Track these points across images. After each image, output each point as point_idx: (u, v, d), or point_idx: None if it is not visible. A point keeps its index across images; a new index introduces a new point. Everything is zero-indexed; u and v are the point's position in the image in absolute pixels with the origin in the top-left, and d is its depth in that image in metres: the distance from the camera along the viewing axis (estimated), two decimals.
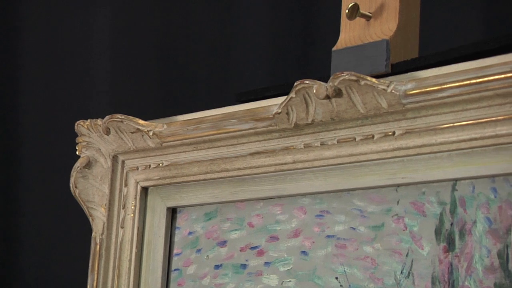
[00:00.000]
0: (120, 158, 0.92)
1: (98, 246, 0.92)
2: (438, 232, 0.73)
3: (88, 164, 0.93)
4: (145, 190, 0.92)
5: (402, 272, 0.74)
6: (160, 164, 0.90)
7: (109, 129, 0.91)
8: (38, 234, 1.49)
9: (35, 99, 1.52)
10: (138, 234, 0.91)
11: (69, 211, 1.40)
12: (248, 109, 0.82)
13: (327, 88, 0.75)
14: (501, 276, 0.68)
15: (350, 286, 0.77)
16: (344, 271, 0.77)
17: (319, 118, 0.77)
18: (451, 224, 0.72)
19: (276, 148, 0.81)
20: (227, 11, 1.43)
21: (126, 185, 0.92)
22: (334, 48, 0.85)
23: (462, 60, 0.72)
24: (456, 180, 0.72)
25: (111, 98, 1.47)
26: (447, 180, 0.72)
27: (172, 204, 0.91)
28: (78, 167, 0.93)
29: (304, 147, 0.80)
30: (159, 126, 0.88)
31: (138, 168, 0.91)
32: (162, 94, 1.45)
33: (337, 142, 0.78)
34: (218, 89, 1.42)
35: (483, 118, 0.69)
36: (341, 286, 0.77)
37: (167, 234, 0.91)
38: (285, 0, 1.39)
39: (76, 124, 0.93)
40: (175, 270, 0.90)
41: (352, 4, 0.83)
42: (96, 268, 0.92)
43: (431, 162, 0.73)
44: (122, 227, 0.92)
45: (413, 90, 0.72)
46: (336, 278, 0.78)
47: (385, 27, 0.83)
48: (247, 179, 0.84)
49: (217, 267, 0.86)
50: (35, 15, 1.53)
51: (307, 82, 0.77)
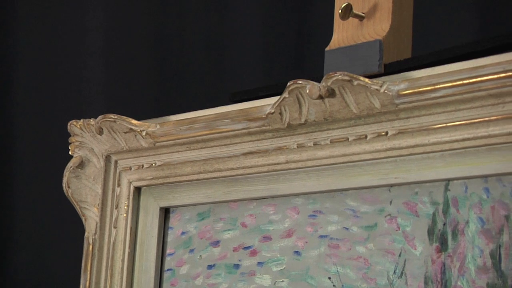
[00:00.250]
0: (113, 158, 0.92)
1: (91, 246, 0.92)
2: (430, 232, 0.73)
3: (81, 164, 0.93)
4: (138, 190, 0.92)
5: (395, 272, 0.74)
6: (153, 164, 0.89)
7: (102, 129, 0.90)
8: (31, 234, 1.49)
9: (28, 99, 1.51)
10: (131, 234, 0.91)
11: (62, 211, 1.39)
12: (241, 109, 0.82)
13: (320, 88, 0.75)
14: (493, 276, 0.68)
15: (343, 286, 0.77)
16: (337, 271, 0.77)
17: (312, 118, 0.77)
18: (444, 224, 0.72)
19: (269, 148, 0.81)
20: (220, 11, 1.43)
21: (119, 185, 0.92)
22: (327, 48, 0.85)
23: (455, 61, 0.72)
24: (448, 180, 0.72)
25: (104, 98, 1.47)
26: (439, 180, 0.73)
27: (165, 204, 0.90)
28: (71, 167, 0.93)
29: (297, 147, 0.80)
30: (152, 126, 0.88)
31: (131, 168, 0.91)
32: (155, 94, 1.45)
33: (330, 142, 0.78)
34: (211, 89, 1.42)
35: (476, 118, 0.69)
36: (334, 286, 0.77)
37: (160, 234, 0.90)
38: (278, 0, 1.39)
39: (69, 124, 0.93)
40: (168, 270, 0.90)
41: (345, 4, 0.83)
42: (89, 268, 0.92)
43: (424, 162, 0.73)
44: (115, 227, 0.92)
45: (406, 90, 0.72)
46: (329, 278, 0.78)
47: (378, 27, 0.83)
48: (240, 179, 0.84)
49: (210, 267, 0.86)
50: (28, 15, 1.53)
51: (300, 82, 0.77)
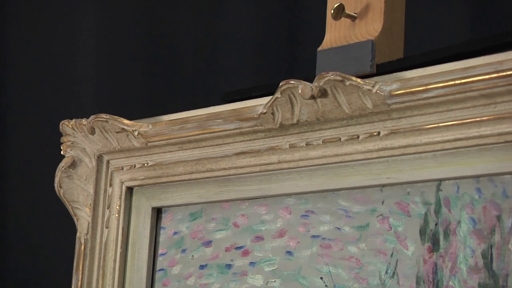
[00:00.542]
0: (105, 158, 0.92)
1: (83, 246, 0.92)
2: (422, 232, 0.73)
3: (73, 164, 0.93)
4: (130, 190, 0.92)
5: (386, 272, 0.74)
6: (145, 164, 0.89)
7: (94, 128, 0.90)
8: (23, 234, 1.49)
9: (20, 99, 1.51)
10: (123, 234, 0.91)
11: (53, 211, 1.39)
12: (233, 109, 0.82)
13: (312, 88, 0.75)
14: (485, 276, 0.69)
15: (335, 286, 0.77)
16: (329, 271, 0.77)
17: (304, 118, 0.77)
18: (436, 224, 0.72)
19: (261, 148, 0.81)
20: (212, 11, 1.43)
21: (111, 185, 0.92)
22: (320, 49, 0.85)
23: (447, 61, 0.72)
24: (440, 180, 0.72)
25: (96, 97, 1.47)
26: (431, 180, 0.73)
27: (157, 204, 0.90)
28: (63, 167, 0.93)
29: (289, 147, 0.80)
30: (144, 126, 0.88)
31: (123, 168, 0.91)
32: (147, 94, 1.45)
33: (322, 142, 0.78)
34: (203, 89, 1.42)
35: (468, 119, 0.69)
36: (326, 286, 0.77)
37: (152, 234, 0.90)
38: (270, 1, 1.39)
39: (61, 123, 0.93)
40: (160, 270, 0.90)
41: (337, 4, 0.83)
42: (80, 268, 0.91)
43: (415, 162, 0.73)
44: (107, 227, 0.91)
45: (398, 91, 0.72)
46: (321, 278, 0.78)
47: (370, 28, 0.83)
48: (232, 179, 0.84)
49: (202, 267, 0.86)
50: (20, 15, 1.53)
51: (292, 82, 0.77)
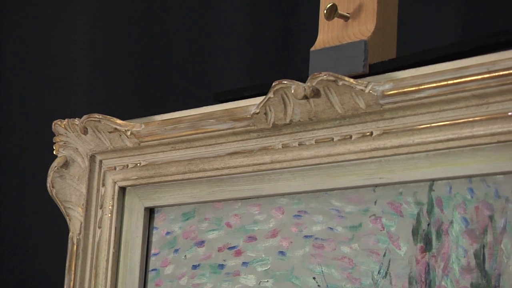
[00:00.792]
0: (98, 157, 0.92)
1: (75, 246, 0.92)
2: (415, 232, 0.73)
3: (66, 164, 0.93)
4: (122, 190, 0.92)
5: (379, 272, 0.74)
6: (138, 164, 0.89)
7: (86, 128, 0.90)
8: (15, 234, 1.48)
9: (13, 98, 1.51)
10: (115, 234, 0.91)
11: (46, 211, 1.39)
12: (226, 109, 0.82)
13: (305, 88, 0.75)
14: (477, 276, 0.69)
15: (327, 286, 0.77)
16: (322, 271, 0.78)
17: (297, 118, 0.77)
18: (428, 224, 0.72)
19: (254, 148, 0.81)
20: (205, 10, 1.43)
21: (103, 185, 0.92)
22: (312, 49, 0.86)
23: (439, 61, 0.72)
24: (433, 180, 0.72)
25: (89, 97, 1.46)
26: (424, 180, 0.73)
27: (149, 204, 0.90)
28: (55, 166, 0.93)
29: (282, 147, 0.80)
30: (137, 126, 0.88)
31: (115, 168, 0.91)
32: (140, 94, 1.45)
33: (315, 142, 0.78)
34: (196, 89, 1.42)
35: (460, 119, 0.69)
36: (318, 286, 0.77)
37: (144, 234, 0.90)
38: (263, 0, 1.40)
39: (53, 123, 0.93)
40: (152, 270, 0.90)
41: (330, 4, 0.83)
42: (73, 268, 0.91)
43: (408, 163, 0.73)
44: (100, 227, 0.91)
45: (390, 91, 0.72)
46: (314, 278, 0.78)
47: (363, 28, 0.83)
48: (225, 179, 0.84)
49: (194, 267, 0.86)
50: (13, 14, 1.52)
51: (285, 82, 0.77)
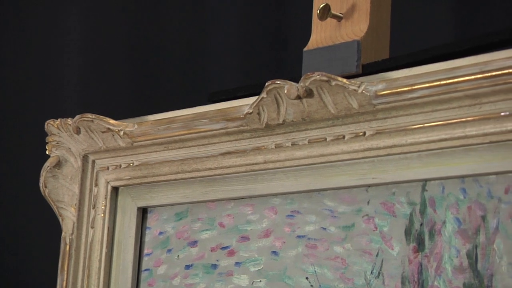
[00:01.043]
0: (91, 157, 0.92)
1: (68, 246, 0.92)
2: (408, 232, 0.73)
3: (58, 164, 0.93)
4: (115, 190, 0.92)
5: (372, 272, 0.74)
6: (131, 164, 0.89)
7: (79, 128, 0.90)
8: (7, 234, 1.48)
9: (5, 98, 1.50)
10: (108, 234, 0.91)
11: (38, 211, 1.39)
12: (219, 109, 0.82)
13: (298, 89, 0.75)
14: (470, 276, 0.69)
15: (320, 286, 0.77)
16: (315, 271, 0.78)
17: (290, 118, 0.77)
18: (421, 225, 0.72)
19: (247, 148, 0.81)
20: (199, 10, 1.43)
21: (96, 185, 0.92)
22: (306, 49, 0.86)
23: (432, 61, 0.72)
24: (426, 180, 0.73)
25: (82, 97, 1.46)
26: (417, 180, 0.73)
27: (142, 204, 0.90)
28: (48, 166, 0.93)
29: (275, 147, 0.80)
30: (129, 125, 0.88)
31: (108, 168, 0.91)
32: (133, 94, 1.45)
33: (308, 142, 0.78)
34: (189, 89, 1.42)
35: (453, 119, 0.70)
36: (311, 286, 0.78)
37: (137, 234, 0.90)
38: (257, 1, 1.40)
39: (46, 123, 0.93)
40: (145, 270, 0.90)
41: (324, 4, 0.83)
42: (65, 268, 0.91)
43: (401, 163, 0.73)
44: (92, 227, 0.91)
45: (383, 91, 0.72)
46: (307, 278, 0.78)
47: (356, 28, 0.83)
48: (218, 179, 0.84)
49: (187, 267, 0.86)
50: (4, 14, 1.52)
51: (278, 82, 0.77)
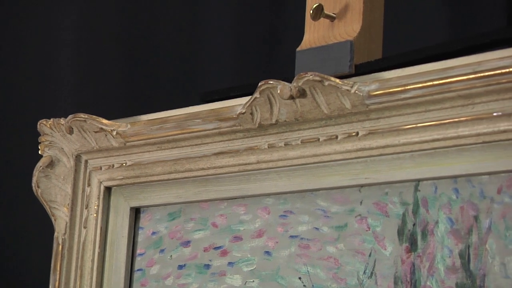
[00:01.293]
0: (83, 157, 0.92)
1: (61, 246, 0.91)
2: (400, 232, 0.73)
3: (51, 164, 0.93)
4: (108, 190, 0.91)
5: (365, 272, 0.74)
6: (124, 164, 0.89)
7: (72, 128, 0.90)
8: (0, 234, 1.48)
9: None
10: (101, 234, 0.91)
11: (31, 211, 1.39)
12: (212, 109, 0.82)
13: (291, 89, 0.75)
14: (462, 276, 0.69)
15: (313, 286, 0.77)
16: (307, 271, 0.78)
17: (283, 118, 0.77)
18: (414, 225, 0.72)
19: (240, 148, 0.81)
20: (192, 11, 1.43)
21: (89, 184, 0.92)
22: (299, 49, 0.86)
23: (425, 62, 0.72)
24: (418, 180, 0.73)
25: (74, 97, 1.46)
26: (409, 180, 0.73)
27: (135, 204, 0.90)
28: (41, 166, 0.93)
29: (268, 147, 0.80)
30: (122, 125, 0.87)
31: (101, 168, 0.91)
32: (126, 94, 1.45)
33: (301, 142, 0.78)
34: (182, 88, 1.42)
35: (446, 119, 0.70)
36: (304, 286, 0.78)
37: (130, 234, 0.90)
38: (250, 1, 1.39)
39: (38, 123, 0.93)
40: (138, 270, 0.89)
41: (316, 4, 0.83)
42: (58, 269, 0.91)
43: (394, 163, 0.73)
44: (85, 227, 0.91)
45: (376, 91, 0.72)
46: (300, 278, 0.78)
47: (349, 28, 0.83)
48: (211, 179, 0.84)
49: (180, 267, 0.86)
50: None
51: (271, 82, 0.77)
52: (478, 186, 0.69)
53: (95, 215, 0.91)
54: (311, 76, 0.74)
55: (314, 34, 0.85)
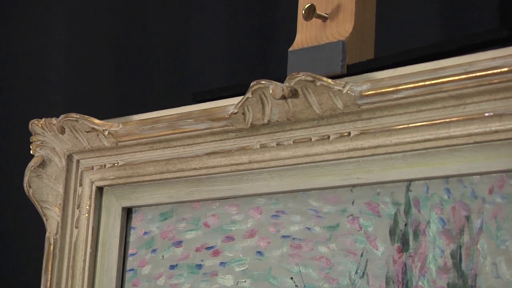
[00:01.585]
0: (75, 157, 0.92)
1: (52, 246, 0.91)
2: (392, 232, 0.73)
3: (43, 164, 0.92)
4: (100, 190, 0.91)
5: (356, 272, 0.74)
6: (116, 164, 0.89)
7: (64, 128, 0.90)
8: None
9: None
10: (92, 234, 0.90)
11: (23, 211, 1.38)
12: (204, 109, 0.82)
13: (283, 89, 0.75)
14: (454, 276, 0.69)
15: (305, 286, 0.77)
16: (299, 271, 0.78)
17: (275, 118, 0.77)
18: (405, 225, 0.72)
19: (232, 148, 0.81)
20: (184, 10, 1.43)
21: (81, 184, 0.91)
22: (291, 49, 0.86)
23: (417, 62, 0.72)
24: (410, 180, 0.73)
25: (66, 97, 1.46)
26: (401, 180, 0.73)
27: (127, 204, 0.90)
28: (32, 166, 0.93)
29: (260, 147, 0.80)
30: (114, 125, 0.87)
31: (93, 168, 0.91)
32: (118, 93, 1.45)
33: (293, 142, 0.78)
34: (174, 88, 1.41)
35: (437, 120, 0.70)
36: (296, 286, 0.78)
37: (122, 234, 0.90)
38: (242, 1, 1.39)
39: (30, 123, 0.92)
40: (130, 270, 0.89)
41: (309, 5, 0.83)
42: (49, 269, 0.91)
43: (385, 163, 0.73)
44: (77, 227, 0.91)
45: (368, 91, 0.72)
46: (291, 278, 0.78)
47: (341, 28, 0.83)
48: (203, 179, 0.84)
49: (172, 267, 0.86)
50: None
51: (263, 82, 0.77)
52: (470, 186, 0.69)
53: (86, 215, 0.91)
54: (303, 76, 0.74)
55: (306, 34, 0.85)
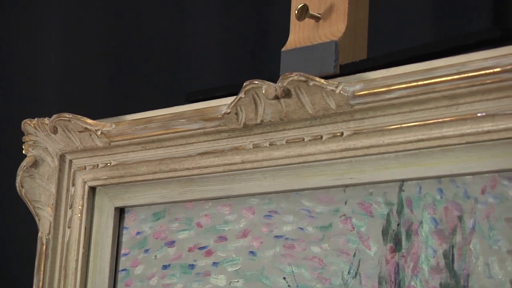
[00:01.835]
0: (68, 157, 0.91)
1: (45, 246, 0.91)
2: (385, 232, 0.73)
3: (35, 164, 0.92)
4: (92, 189, 0.91)
5: (349, 272, 0.74)
6: (108, 164, 0.89)
7: (56, 128, 0.90)
8: None
9: None
10: (85, 234, 0.90)
11: (15, 211, 1.38)
12: (197, 109, 0.82)
13: (276, 89, 0.75)
14: (446, 276, 0.69)
15: (297, 286, 0.77)
16: (292, 271, 0.78)
17: (268, 118, 0.77)
18: (398, 225, 0.72)
19: (225, 148, 0.81)
20: (177, 10, 1.43)
21: (73, 184, 0.91)
22: (284, 49, 0.86)
23: (410, 62, 0.72)
24: (403, 180, 0.73)
25: (59, 96, 1.46)
26: (394, 180, 0.73)
27: (120, 204, 0.90)
28: (25, 166, 0.92)
29: (253, 147, 0.80)
30: (107, 125, 0.87)
31: (85, 168, 0.91)
32: (111, 93, 1.44)
33: (285, 142, 0.78)
34: (167, 88, 1.41)
35: (430, 120, 0.70)
36: (289, 286, 0.78)
37: (114, 234, 0.90)
38: (235, 1, 1.39)
39: (22, 122, 0.92)
40: (122, 270, 0.89)
41: (301, 5, 0.83)
42: (42, 269, 0.91)
43: (378, 163, 0.73)
44: (69, 227, 0.91)
45: (361, 91, 0.72)
46: (284, 278, 0.78)
47: (334, 28, 0.83)
48: (195, 179, 0.84)
49: (165, 267, 0.86)
50: None
51: (256, 82, 0.77)
52: (462, 187, 0.69)
53: (79, 215, 0.91)
54: (296, 76, 0.74)
55: (299, 34, 0.85)
